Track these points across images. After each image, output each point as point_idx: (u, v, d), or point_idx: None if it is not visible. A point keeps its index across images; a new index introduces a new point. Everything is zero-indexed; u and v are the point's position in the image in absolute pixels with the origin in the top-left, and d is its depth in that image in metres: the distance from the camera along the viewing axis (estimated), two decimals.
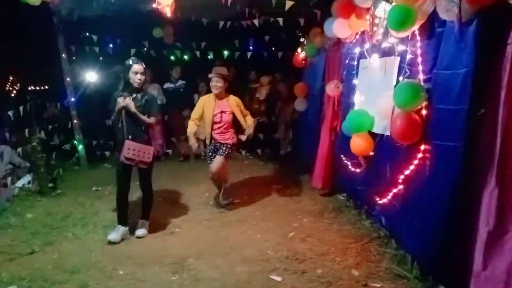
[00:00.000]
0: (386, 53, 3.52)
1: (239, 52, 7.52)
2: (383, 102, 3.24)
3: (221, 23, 6.24)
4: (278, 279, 3.05)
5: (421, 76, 2.91)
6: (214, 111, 4.43)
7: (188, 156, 7.30)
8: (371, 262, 3.27)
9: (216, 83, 4.38)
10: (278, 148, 7.69)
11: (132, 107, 3.68)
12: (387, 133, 3.37)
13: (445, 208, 2.58)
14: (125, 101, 3.67)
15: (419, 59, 2.94)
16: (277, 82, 7.52)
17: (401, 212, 3.20)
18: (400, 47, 3.25)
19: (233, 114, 4.48)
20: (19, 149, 5.65)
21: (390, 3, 3.22)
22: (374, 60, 3.68)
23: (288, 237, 3.84)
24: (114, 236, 3.76)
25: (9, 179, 5.15)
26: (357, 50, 4.19)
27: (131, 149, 3.70)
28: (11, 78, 10.79)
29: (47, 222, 4.31)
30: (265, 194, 5.15)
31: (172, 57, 7.81)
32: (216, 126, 4.47)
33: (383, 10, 3.46)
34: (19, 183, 5.33)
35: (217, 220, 4.35)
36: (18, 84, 10.83)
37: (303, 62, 6.46)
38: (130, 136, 3.74)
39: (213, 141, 4.54)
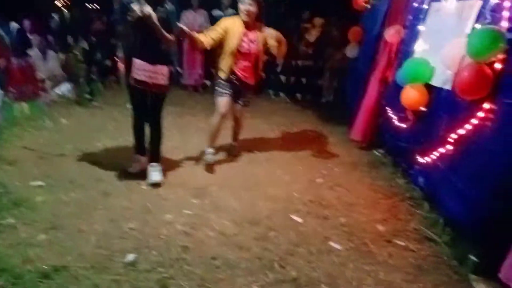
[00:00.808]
0: None
1: None
2: (451, 50, 2.85)
3: None
4: (299, 220, 2.94)
5: (505, 24, 2.49)
6: (241, 38, 3.56)
7: None
8: (398, 220, 3.08)
9: (249, 7, 3.51)
10: (320, 95, 7.35)
11: (155, 18, 2.92)
12: (447, 86, 3.02)
13: (500, 177, 2.30)
14: (145, 9, 2.86)
15: (507, 3, 2.50)
16: (330, 25, 7.00)
17: (445, 174, 2.93)
18: None
19: (262, 49, 3.69)
20: (61, 55, 5.66)
21: None
22: (450, 2, 3.21)
23: (316, 183, 3.68)
24: (132, 169, 3.42)
25: (49, 84, 5.21)
26: None
27: (141, 69, 3.04)
28: None
29: (80, 131, 4.37)
30: (299, 139, 4.96)
31: None
32: (241, 58, 3.62)
33: None
34: (59, 90, 5.40)
35: (246, 156, 4.23)
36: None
37: (364, 3, 5.90)
38: (143, 54, 3.05)
39: (232, 77, 3.67)
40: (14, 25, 4.09)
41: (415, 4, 4.01)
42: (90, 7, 10.35)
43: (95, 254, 2.31)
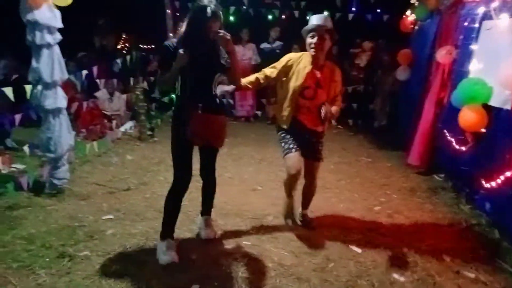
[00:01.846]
0: None
1: (340, 13, 7.07)
2: (508, 70, 2.75)
3: None
4: (358, 250, 2.89)
5: None
6: (305, 80, 2.89)
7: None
8: (466, 250, 2.92)
9: (317, 40, 2.78)
10: (373, 120, 7.24)
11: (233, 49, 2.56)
12: (508, 106, 2.89)
13: None
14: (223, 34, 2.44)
15: None
16: (379, 49, 6.97)
17: None
18: None
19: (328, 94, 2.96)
20: (125, 96, 6.15)
21: None
22: (503, 20, 3.12)
23: (374, 211, 3.62)
24: (167, 258, 2.63)
25: (114, 123, 5.66)
26: (480, 10, 3.63)
27: (203, 124, 2.55)
28: (123, 36, 11.71)
29: (143, 165, 4.67)
30: (353, 165, 4.91)
31: (269, 16, 7.66)
32: (304, 103, 2.94)
33: None
34: (123, 128, 5.84)
35: (299, 183, 4.25)
36: (129, 41, 11.70)
37: (411, 26, 5.86)
38: (200, 104, 2.54)
39: (296, 127, 3.01)
40: (83, 71, 4.57)
41: (466, 24, 3.93)
42: (147, 48, 11.18)
43: (162, 284, 2.43)
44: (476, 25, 3.71)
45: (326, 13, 2.62)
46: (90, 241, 2.91)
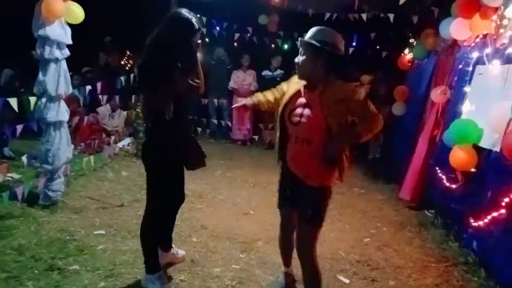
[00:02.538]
0: (511, 59, 3.11)
1: None
2: (498, 113, 2.87)
3: (327, 15, 6.12)
4: (346, 281, 2.92)
5: None
6: (292, 100, 2.31)
7: (272, 145, 7.35)
8: (452, 287, 2.95)
9: (298, 57, 2.25)
10: (366, 152, 7.34)
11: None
12: (496, 148, 2.99)
13: None
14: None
15: None
16: (377, 82, 7.14)
17: (499, 239, 2.82)
18: None
19: (327, 120, 2.15)
20: (125, 113, 6.24)
21: None
22: (494, 66, 3.27)
23: (363, 242, 3.65)
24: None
25: (112, 138, 5.72)
26: (474, 54, 3.78)
27: (198, 147, 2.66)
28: (127, 53, 11.95)
29: (138, 182, 4.70)
30: (345, 196, 4.95)
31: (272, 45, 7.89)
32: (291, 134, 2.29)
33: None
34: (120, 144, 5.90)
35: None
36: (132, 59, 11.92)
37: (409, 64, 6.05)
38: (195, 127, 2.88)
39: (285, 168, 2.41)
40: (87, 87, 4.67)
41: (460, 66, 4.09)
42: None
43: None
44: (470, 68, 3.86)
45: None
46: (80, 256, 2.93)
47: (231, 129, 7.73)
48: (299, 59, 2.23)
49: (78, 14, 3.59)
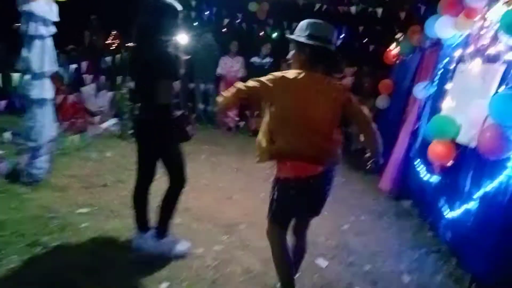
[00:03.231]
0: (491, 59, 3.23)
1: None
2: (475, 111, 2.99)
3: (317, 6, 6.16)
4: (323, 265, 3.03)
5: None
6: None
7: (257, 132, 7.38)
8: (424, 273, 3.10)
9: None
10: (349, 142, 7.48)
11: None
12: (472, 144, 3.12)
13: None
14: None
15: None
16: (363, 75, 7.25)
17: (470, 230, 2.97)
18: (508, 56, 2.95)
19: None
20: (110, 94, 6.18)
21: (509, 5, 2.93)
22: (475, 65, 3.39)
23: (342, 229, 3.77)
24: (185, 245, 2.90)
25: (97, 119, 5.67)
26: (457, 53, 3.89)
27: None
28: (113, 33, 11.72)
29: (122, 163, 4.70)
30: None
31: (261, 33, 7.89)
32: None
33: (497, 12, 3.15)
34: (105, 124, 5.84)
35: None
36: (118, 39, 11.72)
37: (394, 59, 6.17)
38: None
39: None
40: (72, 65, 4.61)
41: (443, 63, 4.21)
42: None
43: (131, 281, 2.49)
44: (452, 66, 3.98)
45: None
46: (63, 233, 2.95)
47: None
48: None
49: None
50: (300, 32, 2.21)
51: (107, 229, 3.12)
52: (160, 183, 2.90)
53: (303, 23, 2.24)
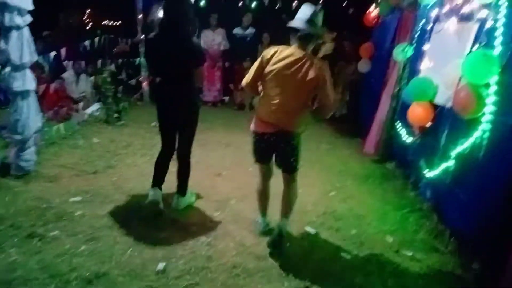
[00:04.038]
0: (465, 18, 3.28)
1: None
2: (450, 71, 3.07)
3: None
4: (312, 231, 3.18)
5: (498, 48, 2.70)
6: None
7: (243, 105, 7.44)
8: (407, 232, 3.28)
9: None
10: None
11: None
12: (449, 105, 3.22)
13: (497, 186, 2.51)
14: None
15: (500, 29, 2.71)
16: (343, 40, 7.23)
17: (449, 187, 3.13)
18: (481, 14, 3.00)
19: None
20: (92, 78, 6.11)
21: None
22: (450, 24, 3.43)
23: (329, 195, 3.92)
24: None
25: (81, 105, 5.64)
26: (434, 12, 3.92)
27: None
28: (88, 10, 11.40)
29: (110, 148, 4.74)
30: (313, 152, 5.18)
31: (239, 4, 7.75)
32: None
33: None
34: (89, 110, 5.83)
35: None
36: (94, 18, 11.42)
37: (374, 21, 6.15)
38: None
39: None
40: (51, 53, 4.53)
41: (421, 24, 4.24)
42: (113, 25, 11.02)
43: (130, 262, 2.61)
44: (430, 26, 4.02)
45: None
46: (59, 222, 3.02)
47: (201, 90, 7.71)
48: None
49: None
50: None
51: (102, 214, 3.20)
52: None
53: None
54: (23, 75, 3.56)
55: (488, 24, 2.86)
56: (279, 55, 2.60)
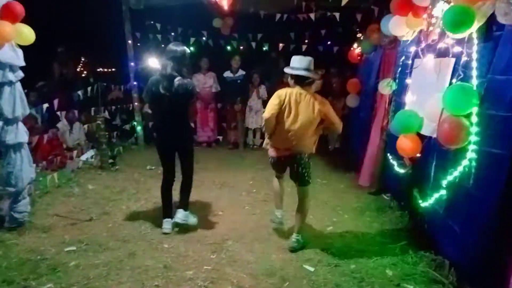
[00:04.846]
0: (441, 53, 3.42)
1: (294, 45, 7.56)
2: (432, 104, 3.17)
3: (278, 16, 6.33)
4: (311, 269, 3.15)
5: (475, 81, 2.82)
6: None
7: (237, 144, 7.52)
8: (407, 264, 3.25)
9: None
10: (327, 143, 7.66)
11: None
12: (434, 135, 3.30)
13: (487, 216, 2.53)
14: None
15: (474, 63, 2.84)
16: (331, 76, 7.45)
17: (443, 217, 3.14)
18: (456, 49, 3.15)
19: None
20: (85, 126, 6.20)
21: (449, 3, 3.13)
22: (428, 60, 3.59)
23: (326, 231, 3.90)
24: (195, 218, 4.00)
25: (75, 152, 5.68)
26: (412, 49, 4.10)
27: None
28: (82, 59, 11.69)
29: (105, 194, 4.74)
30: (309, 188, 5.18)
31: (228, 48, 8.03)
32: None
33: (440, 10, 3.35)
34: (83, 157, 5.86)
35: (258, 208, 4.50)
36: (88, 66, 11.70)
37: (359, 57, 6.39)
38: None
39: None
40: (44, 105, 4.63)
41: (402, 59, 4.42)
42: (106, 71, 11.29)
43: None
44: (410, 61, 4.19)
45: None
46: (53, 274, 2.98)
47: (195, 131, 7.81)
48: None
49: (28, 35, 3.57)
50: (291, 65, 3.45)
51: (97, 263, 3.16)
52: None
53: (292, 59, 3.48)
54: (15, 128, 3.63)
55: (464, 59, 3.00)
56: (289, 95, 3.33)
